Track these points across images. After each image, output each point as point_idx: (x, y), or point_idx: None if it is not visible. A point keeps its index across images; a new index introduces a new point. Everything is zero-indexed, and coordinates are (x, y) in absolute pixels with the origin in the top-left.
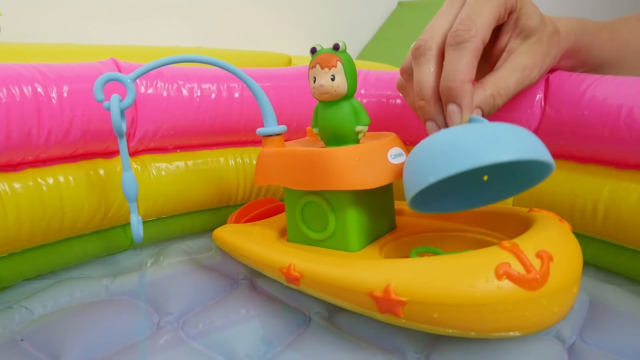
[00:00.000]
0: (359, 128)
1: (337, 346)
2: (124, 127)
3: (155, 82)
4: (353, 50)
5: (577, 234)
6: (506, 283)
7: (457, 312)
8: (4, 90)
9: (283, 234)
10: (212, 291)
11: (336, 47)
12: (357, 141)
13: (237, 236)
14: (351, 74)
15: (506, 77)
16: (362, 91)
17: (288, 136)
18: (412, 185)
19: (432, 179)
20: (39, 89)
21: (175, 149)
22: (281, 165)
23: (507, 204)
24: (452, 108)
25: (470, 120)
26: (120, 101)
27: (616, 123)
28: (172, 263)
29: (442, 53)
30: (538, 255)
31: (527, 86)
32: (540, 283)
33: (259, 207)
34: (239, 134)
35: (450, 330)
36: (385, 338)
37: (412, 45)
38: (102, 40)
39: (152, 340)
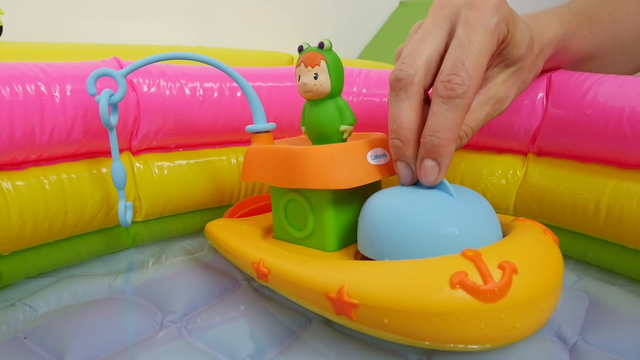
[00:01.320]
0: (343, 127)
1: (338, 348)
2: (113, 120)
3: (157, 81)
4: (354, 50)
5: (578, 234)
6: (460, 293)
7: (407, 320)
8: (7, 89)
9: (270, 231)
10: (214, 290)
11: (321, 46)
12: (343, 140)
13: (224, 231)
14: (336, 73)
15: (477, 113)
16: (364, 90)
17: (290, 135)
18: (366, 248)
19: (388, 258)
20: (42, 88)
21: (177, 147)
22: (265, 162)
23: (509, 205)
24: (430, 165)
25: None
26: (112, 95)
27: (619, 122)
28: (174, 262)
29: (425, 89)
30: (500, 266)
31: (494, 117)
32: (498, 295)
33: (254, 203)
34: (240, 133)
35: (402, 338)
36: (386, 340)
37: (391, 75)
38: (104, 39)
39: (155, 338)
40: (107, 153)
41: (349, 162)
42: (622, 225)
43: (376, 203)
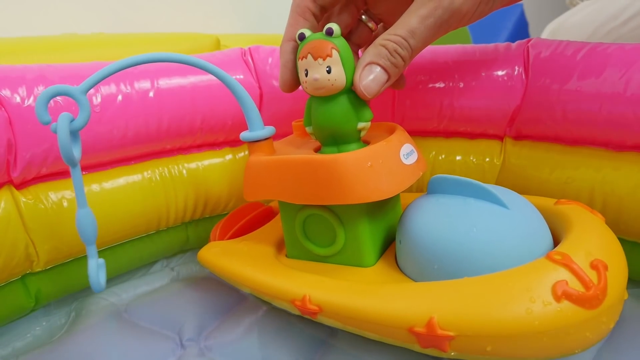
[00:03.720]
0: (361, 125)
1: (372, 350)
2: (77, 153)
3: (35, 90)
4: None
5: None
6: (566, 305)
7: (514, 343)
8: None
9: (280, 248)
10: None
11: (329, 32)
12: (359, 139)
13: (229, 258)
14: (349, 63)
15: (401, 20)
16: None
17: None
18: (424, 277)
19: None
20: None
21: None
22: (277, 177)
23: None
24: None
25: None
26: (72, 120)
27: (617, 99)
28: (97, 325)
29: None
30: (593, 266)
31: (451, 23)
32: (600, 299)
33: (244, 215)
34: (161, 142)
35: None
36: None
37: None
38: None
39: None
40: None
41: (386, 167)
42: (622, 217)
43: (432, 231)
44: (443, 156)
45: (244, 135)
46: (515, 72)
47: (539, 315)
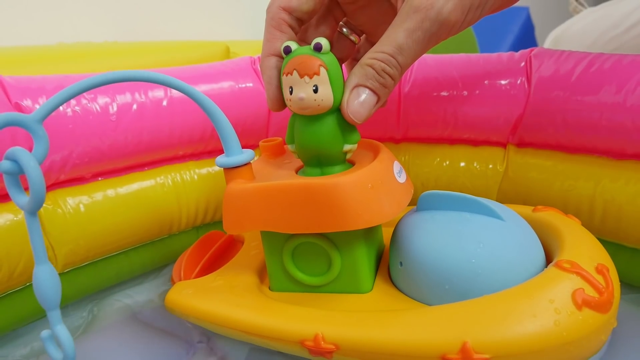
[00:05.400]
0: (347, 147)
1: None
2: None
3: None
4: None
5: None
6: (586, 312)
7: (545, 356)
8: None
9: (261, 281)
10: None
11: (318, 48)
12: (344, 161)
13: (210, 299)
14: (337, 82)
15: (387, 35)
16: None
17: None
18: (432, 300)
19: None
20: None
21: (95, 176)
22: (265, 205)
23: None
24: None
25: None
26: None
27: (617, 109)
28: (112, 326)
29: None
30: (598, 271)
31: (440, 35)
32: (611, 302)
33: (207, 248)
34: (173, 148)
35: None
36: None
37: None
38: None
39: None
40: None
41: (385, 188)
42: (622, 224)
43: (439, 251)
44: (447, 162)
45: (221, 161)
46: (518, 82)
47: (566, 326)
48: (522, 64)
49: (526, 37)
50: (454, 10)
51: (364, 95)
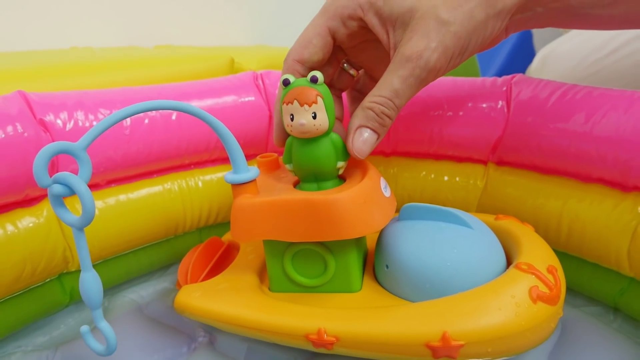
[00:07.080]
0: (340, 164)
1: None
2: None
3: (74, 115)
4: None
5: None
6: (540, 305)
7: (509, 342)
8: None
9: (261, 283)
10: (168, 353)
11: (314, 80)
12: (337, 177)
13: (217, 301)
14: (331, 108)
15: (383, 81)
16: None
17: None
18: (415, 296)
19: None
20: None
21: (108, 184)
22: (271, 217)
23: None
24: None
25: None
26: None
27: (583, 138)
28: (121, 319)
29: None
30: (549, 271)
31: (428, 79)
32: (559, 296)
33: (211, 254)
34: (180, 157)
35: (498, 358)
36: None
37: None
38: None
39: None
40: (23, 203)
41: (375, 202)
42: (585, 241)
43: (421, 256)
44: (432, 176)
45: (230, 177)
46: (499, 106)
47: (525, 316)
48: (504, 88)
49: (524, 44)
50: (439, 59)
51: (366, 134)
